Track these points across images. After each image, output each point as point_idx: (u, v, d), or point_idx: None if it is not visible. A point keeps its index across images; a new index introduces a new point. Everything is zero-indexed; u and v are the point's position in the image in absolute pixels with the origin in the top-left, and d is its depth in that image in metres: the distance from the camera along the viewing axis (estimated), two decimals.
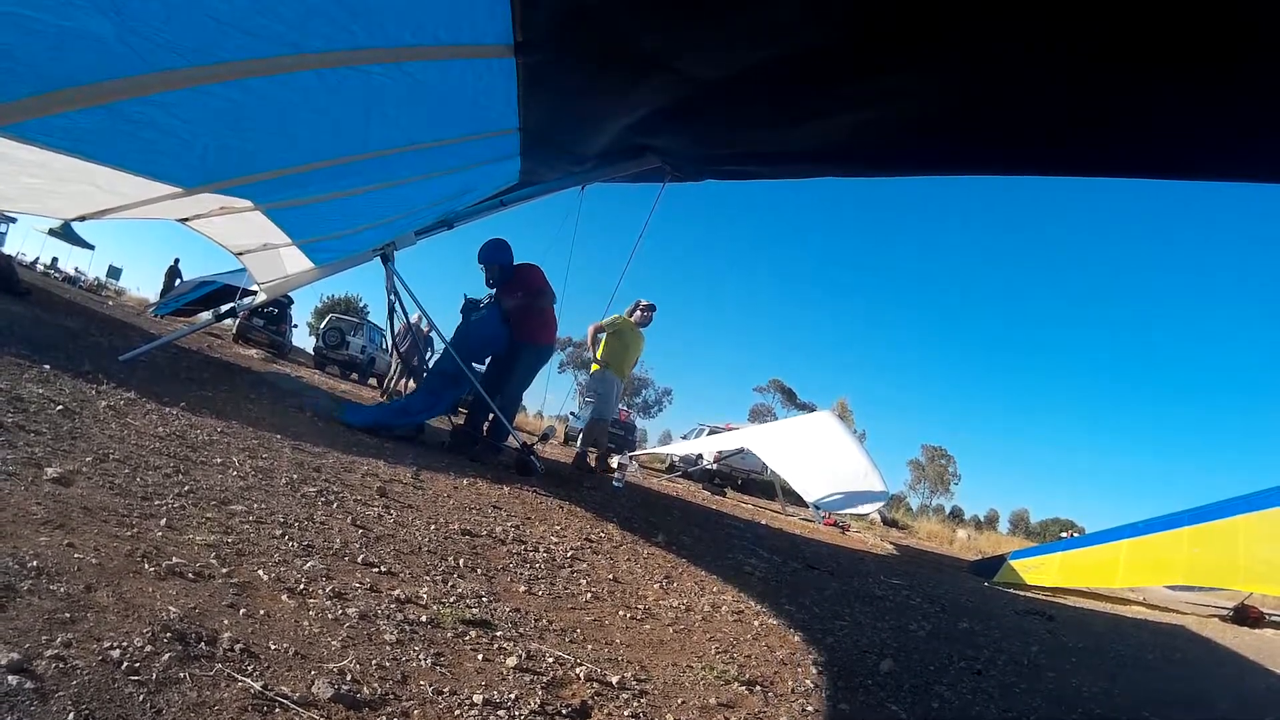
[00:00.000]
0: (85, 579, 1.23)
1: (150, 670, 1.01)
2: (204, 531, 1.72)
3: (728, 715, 1.66)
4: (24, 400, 2.37)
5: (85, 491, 1.71)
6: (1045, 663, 2.86)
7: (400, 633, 1.51)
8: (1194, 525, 5.40)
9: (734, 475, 13.71)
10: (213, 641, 1.17)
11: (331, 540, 2.03)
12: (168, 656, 1.05)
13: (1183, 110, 2.06)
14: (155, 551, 1.46)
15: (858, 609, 3.31)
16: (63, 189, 3.26)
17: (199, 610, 1.27)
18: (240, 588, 1.45)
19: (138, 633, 1.09)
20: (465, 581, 2.08)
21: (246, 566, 1.59)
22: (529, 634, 1.81)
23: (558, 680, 1.56)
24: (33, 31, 1.69)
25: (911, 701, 2.09)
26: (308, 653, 1.27)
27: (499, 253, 5.03)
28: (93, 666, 0.96)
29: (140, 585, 1.29)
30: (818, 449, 8.38)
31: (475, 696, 1.32)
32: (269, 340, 12.46)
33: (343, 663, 1.26)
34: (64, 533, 1.40)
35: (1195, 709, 2.56)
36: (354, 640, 1.40)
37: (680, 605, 2.58)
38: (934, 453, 41.30)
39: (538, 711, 1.36)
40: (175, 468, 2.21)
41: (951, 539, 14.24)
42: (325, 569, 1.76)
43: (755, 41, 2.25)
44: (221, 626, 1.24)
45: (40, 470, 1.73)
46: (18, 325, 4.44)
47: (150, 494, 1.87)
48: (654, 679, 1.76)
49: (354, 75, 2.39)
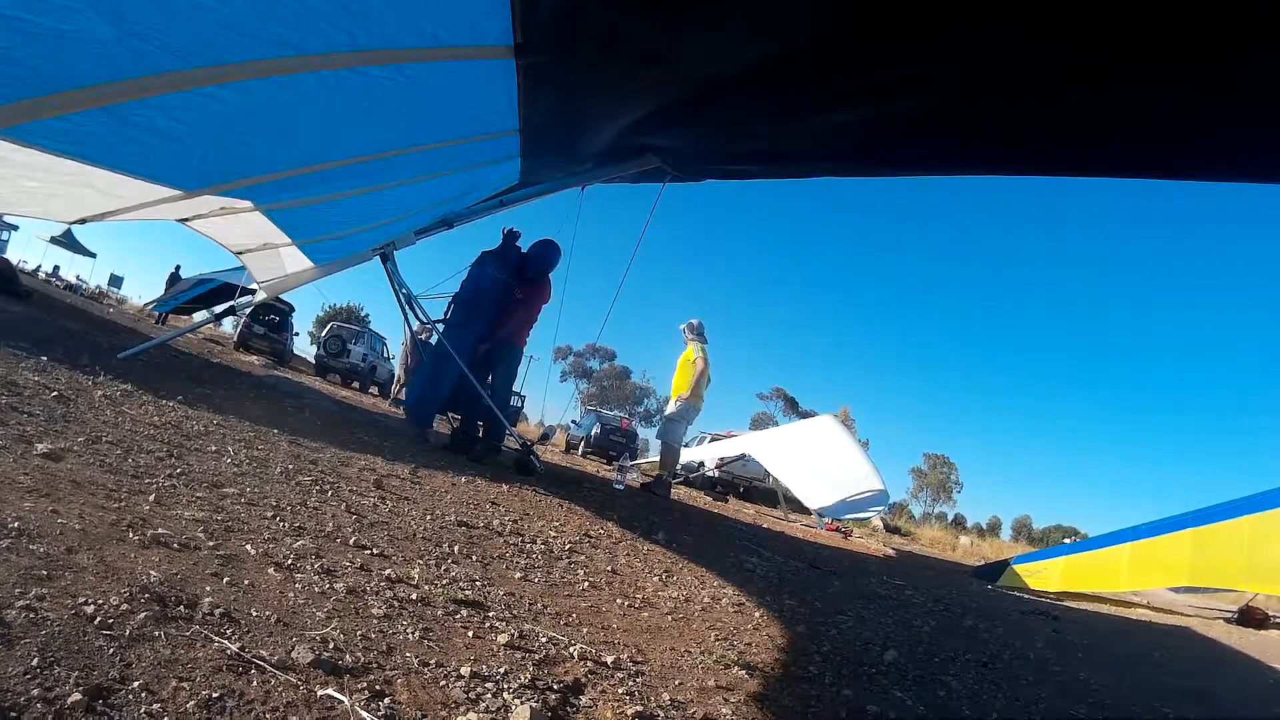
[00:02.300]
0: (67, 542, 1.20)
1: (124, 627, 0.98)
2: (193, 509, 1.69)
3: (727, 696, 1.62)
4: (19, 385, 2.36)
5: (75, 467, 1.68)
6: (1051, 657, 2.80)
7: (389, 608, 1.48)
8: (1197, 527, 5.33)
9: (736, 482, 13.62)
10: (192, 605, 1.14)
11: (324, 524, 2.00)
12: (143, 615, 1.03)
13: (1183, 110, 2.05)
14: (141, 523, 1.44)
15: (861, 606, 3.25)
16: (63, 192, 3.27)
17: (181, 577, 1.24)
18: (226, 559, 1.42)
19: (115, 592, 1.07)
20: (459, 567, 2.05)
21: (234, 541, 1.56)
22: (523, 616, 1.77)
23: (550, 658, 1.52)
24: (32, 35, 1.69)
25: (918, 690, 2.04)
26: (290, 621, 1.23)
27: (550, 254, 5.02)
28: (64, 619, 0.94)
29: (123, 551, 1.26)
30: (819, 454, 8.31)
31: (463, 669, 1.28)
32: (270, 347, 12.47)
33: (325, 630, 1.23)
34: (50, 501, 1.38)
35: (1202, 704, 2.50)
36: (340, 612, 1.36)
37: (680, 596, 2.54)
38: (936, 460, 41.03)
39: (527, 686, 1.32)
40: (169, 452, 2.19)
41: (954, 545, 14.10)
42: (315, 548, 1.73)
43: (754, 38, 2.26)
44: (203, 593, 1.21)
45: (30, 446, 1.71)
46: (18, 324, 4.45)
47: (141, 473, 1.85)
48: (651, 661, 1.72)
49: (354, 77, 2.39)
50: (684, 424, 6.32)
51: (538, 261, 4.96)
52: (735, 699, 1.61)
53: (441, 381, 4.75)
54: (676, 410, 6.13)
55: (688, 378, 6.04)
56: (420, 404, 4.97)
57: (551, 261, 5.01)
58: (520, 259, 4.98)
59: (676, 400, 6.12)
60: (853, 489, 7.29)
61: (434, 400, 4.90)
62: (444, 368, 4.75)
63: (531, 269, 4.96)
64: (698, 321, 6.34)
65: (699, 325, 6.32)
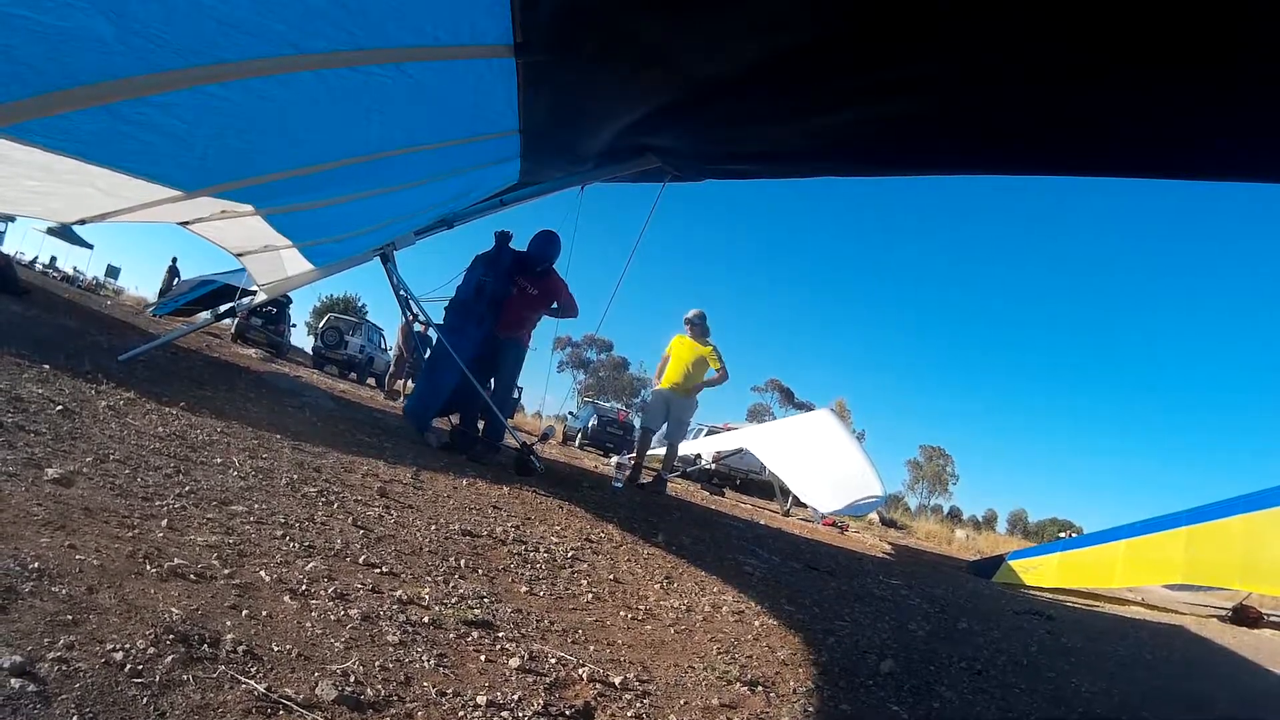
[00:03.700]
0: (87, 580, 1.22)
1: (154, 672, 1.00)
2: (205, 532, 1.72)
3: (730, 716, 1.66)
4: (24, 400, 2.36)
5: (86, 492, 1.70)
6: (1045, 662, 2.86)
7: (403, 634, 1.51)
8: (1192, 525, 5.41)
9: (733, 475, 13.71)
10: (215, 643, 1.17)
11: (333, 541, 2.03)
12: (170, 659, 1.05)
13: (1183, 110, 2.06)
14: (157, 553, 1.46)
15: (857, 609, 3.31)
16: (63, 191, 3.25)
17: (201, 611, 1.27)
18: (242, 589, 1.45)
19: (140, 634, 1.09)
20: (467, 582, 2.08)
21: (248, 567, 1.59)
22: (531, 634, 1.81)
23: (560, 681, 1.56)
24: (32, 33, 1.68)
25: (913, 702, 2.10)
26: (311, 654, 1.26)
27: (550, 246, 4.98)
28: (96, 669, 0.96)
29: (142, 587, 1.28)
30: (816, 449, 8.37)
31: (479, 698, 1.32)
32: (267, 340, 12.41)
33: (346, 664, 1.26)
34: (65, 534, 1.40)
35: (1194, 708, 2.57)
36: (357, 641, 1.39)
37: (681, 606, 2.58)
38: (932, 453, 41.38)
39: (541, 713, 1.36)
40: (175, 468, 2.21)
41: (950, 539, 14.27)
42: (327, 570, 1.76)
43: (754, 38, 2.25)
44: (224, 628, 1.23)
45: (41, 471, 1.73)
46: (17, 325, 4.43)
47: (151, 494, 1.87)
48: (656, 680, 1.76)
49: (354, 76, 2.38)
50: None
51: (540, 255, 4.95)
52: (738, 718, 1.65)
53: (440, 387, 4.78)
54: (686, 410, 6.12)
55: (701, 371, 5.92)
56: (420, 412, 4.98)
57: (553, 253, 5.00)
58: (521, 257, 4.97)
59: (685, 394, 5.99)
60: (852, 493, 7.34)
61: (432, 406, 4.92)
62: (441, 373, 4.77)
63: (536, 264, 4.96)
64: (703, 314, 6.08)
65: (704, 318, 6.08)
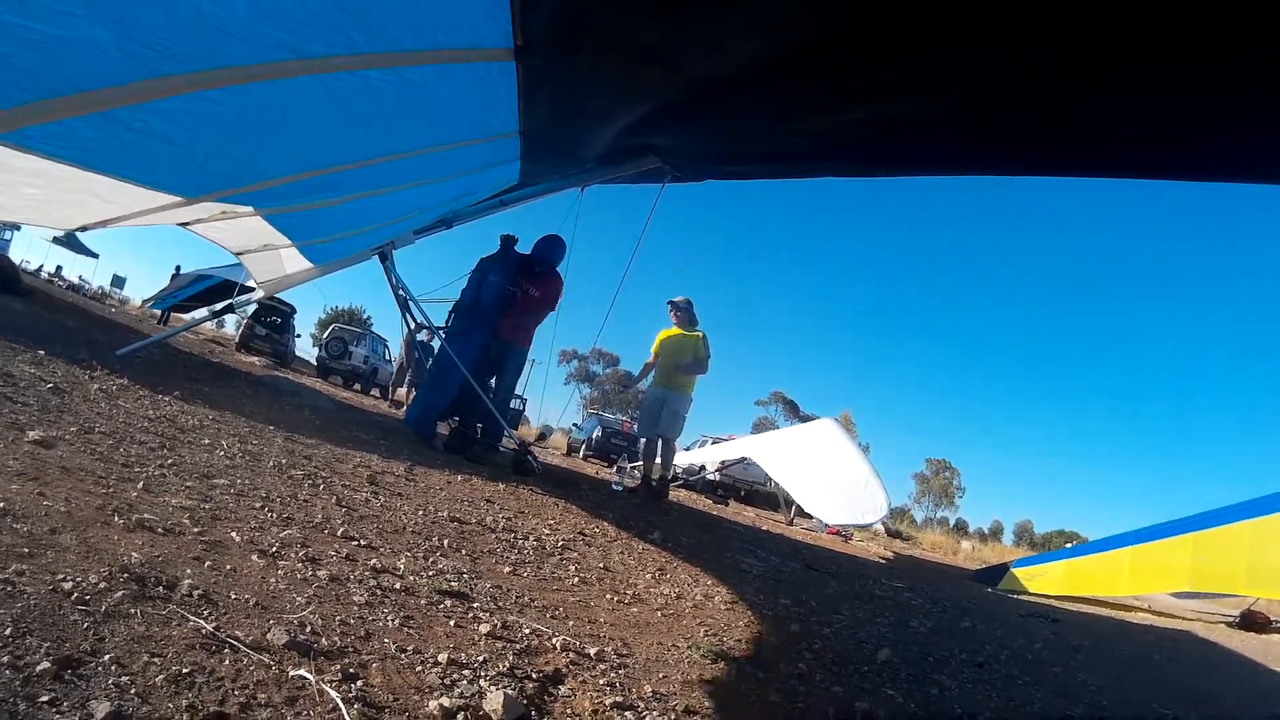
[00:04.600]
0: (51, 523, 1.21)
1: (100, 603, 0.98)
2: (181, 497, 1.70)
3: (711, 690, 1.60)
4: (14, 377, 2.38)
5: (65, 454, 1.69)
6: (1049, 658, 2.77)
7: (370, 596, 1.48)
8: (1198, 531, 5.29)
9: (737, 486, 13.55)
10: (171, 586, 1.14)
11: (313, 515, 2.00)
12: (121, 594, 1.03)
13: (1183, 110, 2.05)
14: (127, 508, 1.44)
15: (857, 606, 3.23)
16: (63, 199, 3.28)
17: (162, 559, 1.25)
18: (210, 545, 1.43)
19: (94, 571, 1.07)
20: (447, 560, 2.04)
21: (220, 529, 1.57)
22: (508, 608, 1.77)
23: (532, 649, 1.51)
24: (31, 41, 1.70)
25: (909, 688, 2.02)
26: (269, 605, 1.23)
27: (555, 249, 5.01)
28: (41, 594, 0.94)
29: (106, 534, 1.27)
30: (820, 458, 8.26)
31: (440, 656, 1.28)
32: (272, 349, 12.53)
33: (304, 614, 1.23)
34: (37, 484, 1.39)
35: (1200, 705, 2.47)
36: (320, 598, 1.36)
37: (671, 593, 2.53)
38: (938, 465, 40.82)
39: (505, 674, 1.31)
40: (161, 444, 2.20)
41: (956, 549, 13.98)
42: (302, 538, 1.73)
43: (754, 38, 2.26)
44: (183, 575, 1.21)
45: (22, 433, 1.72)
46: (17, 321, 4.49)
47: (132, 462, 1.86)
48: (636, 654, 1.71)
49: (354, 80, 2.39)
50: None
51: (544, 257, 4.99)
52: (720, 693, 1.60)
53: (444, 392, 4.79)
54: (682, 404, 6.02)
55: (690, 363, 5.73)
56: (424, 417, 4.98)
57: (557, 256, 5.03)
58: (524, 259, 5.01)
59: (679, 389, 5.87)
60: (857, 503, 7.22)
61: (436, 408, 4.93)
62: (445, 377, 4.78)
63: (539, 265, 4.98)
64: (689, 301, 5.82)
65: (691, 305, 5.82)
